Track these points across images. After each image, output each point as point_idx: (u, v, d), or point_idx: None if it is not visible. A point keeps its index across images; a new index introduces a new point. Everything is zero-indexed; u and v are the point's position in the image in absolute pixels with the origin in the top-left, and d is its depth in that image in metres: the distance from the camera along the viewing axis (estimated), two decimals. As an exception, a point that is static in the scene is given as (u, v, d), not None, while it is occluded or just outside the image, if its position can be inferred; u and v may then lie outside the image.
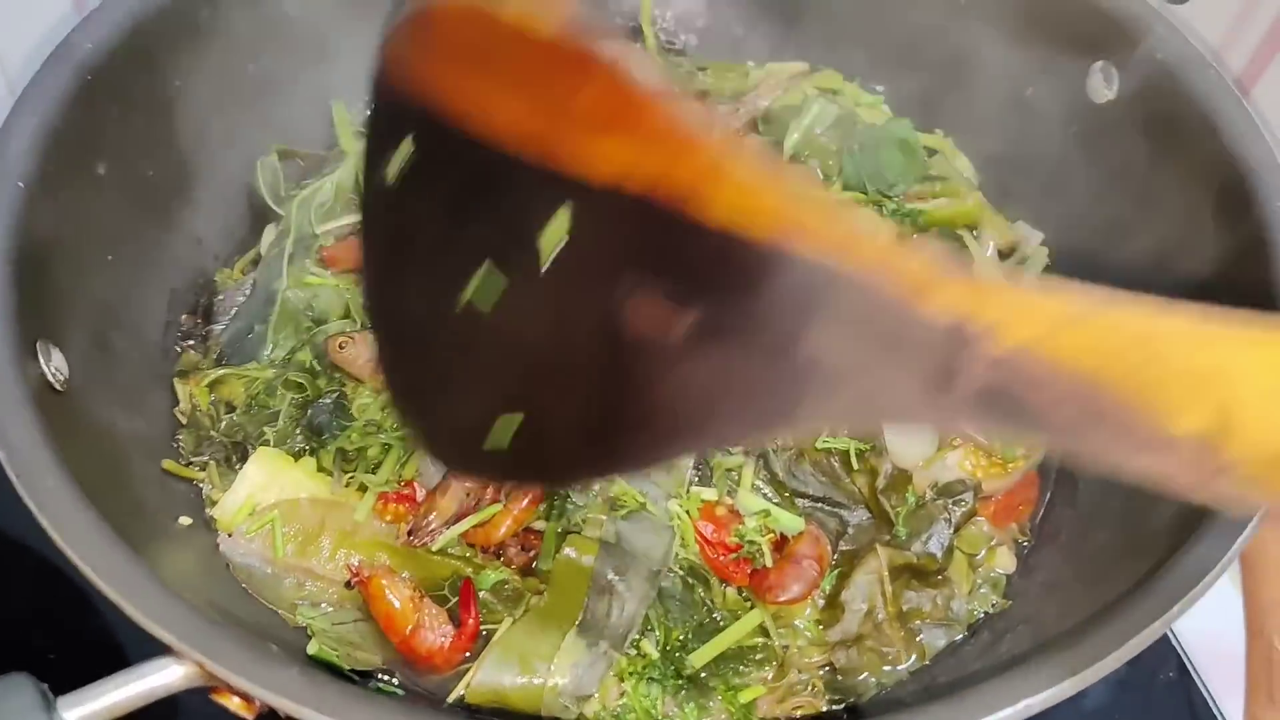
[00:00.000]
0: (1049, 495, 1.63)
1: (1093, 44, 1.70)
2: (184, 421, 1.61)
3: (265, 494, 1.48)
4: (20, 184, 1.42)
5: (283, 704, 1.04)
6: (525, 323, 1.02)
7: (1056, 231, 1.84)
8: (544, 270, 0.96)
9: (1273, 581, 1.62)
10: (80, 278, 1.50)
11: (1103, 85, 1.70)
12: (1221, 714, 1.72)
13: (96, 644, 1.64)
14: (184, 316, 1.72)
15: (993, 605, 1.50)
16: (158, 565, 1.19)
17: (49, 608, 1.69)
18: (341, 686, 1.08)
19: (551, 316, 1.00)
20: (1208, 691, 1.79)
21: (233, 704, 1.12)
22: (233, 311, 1.73)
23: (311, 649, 1.38)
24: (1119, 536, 1.45)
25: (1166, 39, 1.62)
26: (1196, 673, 1.80)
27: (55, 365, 1.36)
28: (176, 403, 1.62)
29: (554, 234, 0.95)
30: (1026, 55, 1.80)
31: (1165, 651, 1.76)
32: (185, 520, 1.48)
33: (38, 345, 1.35)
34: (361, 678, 1.38)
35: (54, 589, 1.65)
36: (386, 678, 1.41)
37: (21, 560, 1.69)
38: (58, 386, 1.35)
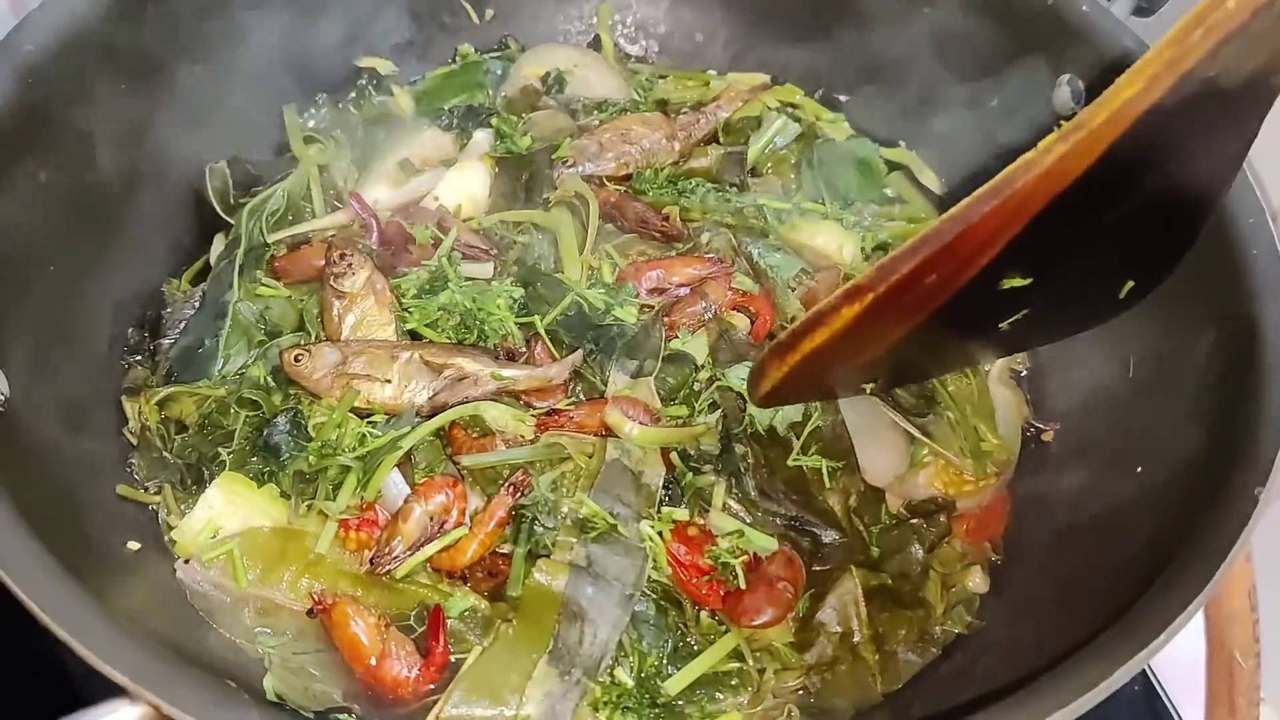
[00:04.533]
0: (1020, 514, 1.62)
1: (1060, 57, 1.69)
2: (134, 442, 1.54)
3: (227, 519, 1.42)
4: (-44, 189, 1.35)
5: (248, 749, 0.98)
6: None
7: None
8: None
9: (1233, 594, 1.63)
10: (20, 290, 1.43)
11: (1069, 98, 1.69)
12: (1185, 725, 1.73)
13: (42, 676, 1.56)
14: (130, 330, 1.65)
15: (967, 625, 1.49)
16: (107, 596, 1.13)
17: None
18: (304, 728, 1.03)
19: None
20: (1170, 702, 1.80)
21: (191, 745, 1.07)
22: (181, 325, 1.65)
23: (268, 683, 1.32)
24: (1092, 557, 1.44)
25: (1134, 52, 1.62)
26: (1160, 685, 1.81)
27: (-4, 386, 1.29)
28: (125, 421, 1.55)
29: None
30: (992, 67, 1.80)
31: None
32: (134, 545, 1.41)
33: (-23, 365, 1.28)
34: (319, 716, 1.32)
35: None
36: (346, 716, 1.34)
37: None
38: (-1, 408, 1.29)
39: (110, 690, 1.05)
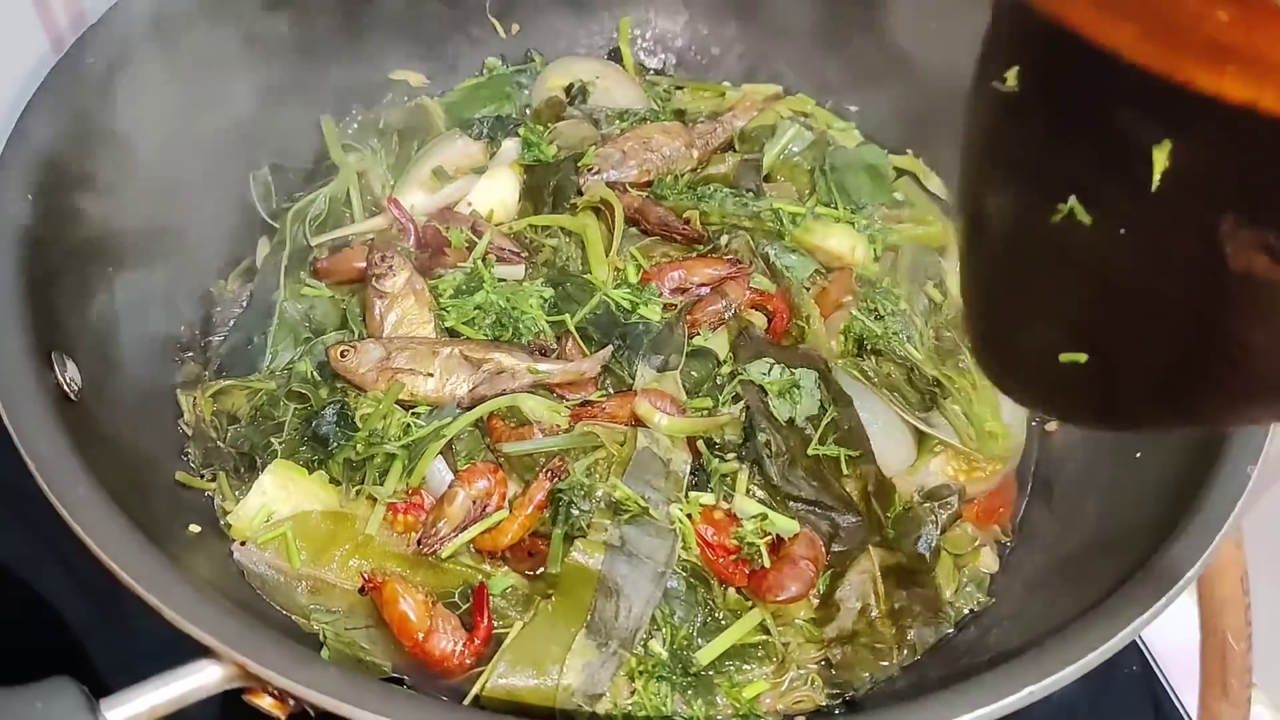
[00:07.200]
0: (1027, 498, 1.71)
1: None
2: (189, 433, 1.63)
3: (279, 504, 1.50)
4: (29, 196, 1.44)
5: (327, 702, 1.06)
6: (1117, 246, 0.95)
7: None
8: (1150, 191, 0.88)
9: (1226, 579, 1.71)
10: (86, 291, 1.52)
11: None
12: (1182, 705, 1.81)
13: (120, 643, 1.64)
14: (182, 328, 1.74)
15: (978, 603, 1.57)
16: (179, 571, 1.21)
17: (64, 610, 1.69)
18: (381, 685, 1.11)
19: (1145, 242, 0.93)
20: (1168, 684, 1.88)
21: (265, 704, 1.14)
22: (230, 323, 1.75)
23: (323, 657, 1.40)
24: (1095, 537, 1.53)
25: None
26: (1158, 666, 1.89)
27: (70, 375, 1.38)
28: (180, 414, 1.64)
29: (1162, 155, 0.87)
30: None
31: (1129, 647, 1.84)
32: (195, 528, 1.50)
33: (52, 355, 1.36)
34: (377, 683, 1.40)
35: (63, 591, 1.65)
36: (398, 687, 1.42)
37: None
38: (72, 396, 1.37)
39: (177, 649, 1.12)
